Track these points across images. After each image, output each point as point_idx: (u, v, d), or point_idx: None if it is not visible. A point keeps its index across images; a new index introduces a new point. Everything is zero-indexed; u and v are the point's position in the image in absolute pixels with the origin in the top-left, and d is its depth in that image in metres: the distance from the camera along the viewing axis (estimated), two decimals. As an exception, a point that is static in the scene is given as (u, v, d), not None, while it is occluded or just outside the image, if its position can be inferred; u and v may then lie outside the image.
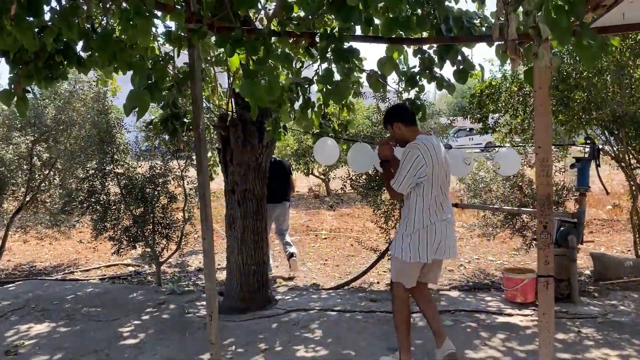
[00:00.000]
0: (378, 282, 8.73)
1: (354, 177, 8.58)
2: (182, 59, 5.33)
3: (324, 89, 4.87)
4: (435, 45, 5.11)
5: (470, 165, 6.57)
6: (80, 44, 4.37)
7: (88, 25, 4.31)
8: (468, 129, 32.17)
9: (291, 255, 9.23)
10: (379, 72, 4.97)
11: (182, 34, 4.67)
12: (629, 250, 10.47)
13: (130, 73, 4.30)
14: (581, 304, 7.00)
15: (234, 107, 6.98)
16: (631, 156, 8.67)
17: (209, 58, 6.87)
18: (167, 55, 5.13)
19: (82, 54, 4.55)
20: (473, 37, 4.75)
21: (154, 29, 4.97)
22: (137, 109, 3.97)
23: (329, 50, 4.38)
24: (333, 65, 4.65)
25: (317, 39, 4.49)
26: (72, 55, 4.53)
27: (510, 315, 6.66)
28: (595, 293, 7.49)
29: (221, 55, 6.75)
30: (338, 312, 6.86)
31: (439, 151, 5.02)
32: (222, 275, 8.12)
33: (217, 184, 11.06)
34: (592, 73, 7.89)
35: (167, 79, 5.23)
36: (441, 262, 5.42)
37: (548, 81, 3.75)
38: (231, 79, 7.04)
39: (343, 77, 4.63)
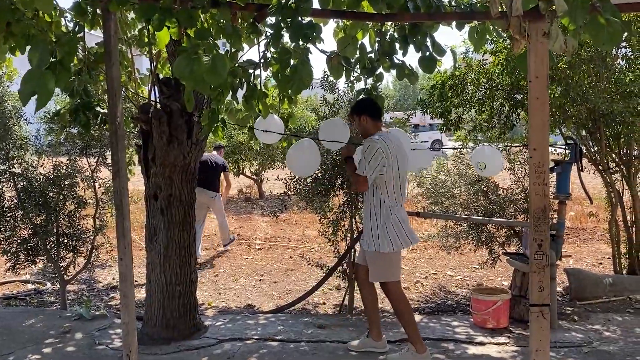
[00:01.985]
0: (324, 303, 8.43)
1: (297, 179, 8.19)
2: (93, 39, 4.88)
3: (280, 75, 4.37)
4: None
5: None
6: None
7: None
8: (413, 125, 32.66)
9: None
10: (341, 55, 4.55)
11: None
12: (600, 264, 10.51)
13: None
14: (561, 329, 6.77)
15: (157, 96, 6.49)
16: (610, 159, 8.49)
17: (125, 38, 6.50)
18: (76, 26, 4.56)
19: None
20: (462, 14, 4.37)
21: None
22: (36, 95, 3.41)
23: (283, 25, 3.91)
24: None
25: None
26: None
27: (482, 344, 6.37)
28: (575, 316, 7.27)
29: (142, 34, 6.31)
30: (280, 341, 6.50)
31: (398, 146, 5.72)
32: (140, 294, 7.64)
33: (134, 184, 10.64)
34: (571, 63, 7.68)
35: (76, 59, 4.75)
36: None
37: (547, 68, 3.55)
38: (154, 62, 6.57)
39: (302, 59, 4.16)
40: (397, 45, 5.09)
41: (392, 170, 5.58)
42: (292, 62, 4.28)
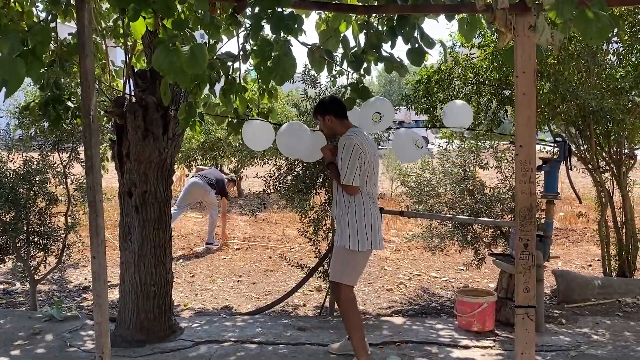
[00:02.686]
0: (305, 305, 8.44)
1: (277, 176, 8.18)
2: (66, 30, 4.86)
3: (262, 67, 4.37)
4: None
5: (423, 149, 6.40)
6: None
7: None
8: (398, 122, 32.60)
9: None
10: (323, 48, 4.56)
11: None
12: (590, 265, 10.57)
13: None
14: (548, 332, 6.81)
15: (132, 89, 6.47)
16: (600, 157, 8.53)
17: (100, 29, 6.44)
18: (48, 15, 4.56)
19: None
20: (447, 6, 4.38)
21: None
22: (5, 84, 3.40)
23: (263, 16, 3.92)
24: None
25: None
26: None
27: (467, 347, 6.39)
28: (562, 319, 7.32)
29: (117, 25, 6.30)
30: (258, 344, 6.49)
31: (371, 142, 5.80)
32: (113, 294, 7.61)
33: (107, 181, 10.61)
34: (561, 59, 7.71)
35: (49, 50, 4.74)
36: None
37: (534, 63, 3.57)
38: (130, 54, 6.56)
39: (284, 51, 4.17)
40: (385, 37, 5.09)
41: (368, 165, 5.62)
42: (273, 53, 4.29)
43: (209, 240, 12.24)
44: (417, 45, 4.90)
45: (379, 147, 7.77)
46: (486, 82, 8.43)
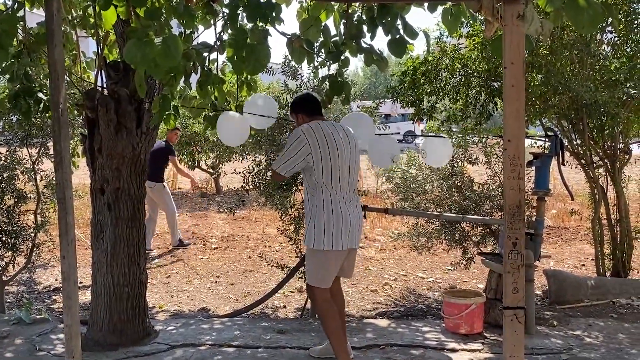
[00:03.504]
0: (285, 307, 8.46)
1: (257, 172, 8.19)
2: (34, 19, 4.85)
3: (235, 56, 4.38)
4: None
5: (396, 163, 6.69)
6: None
7: None
8: (384, 115, 32.90)
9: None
10: (303, 38, 4.57)
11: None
12: (583, 265, 10.64)
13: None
14: (539, 334, 6.83)
15: (104, 81, 6.45)
16: (593, 152, 8.56)
17: (70, 19, 6.43)
18: (15, 3, 4.54)
19: None
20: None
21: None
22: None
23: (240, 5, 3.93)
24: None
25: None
26: None
27: (454, 350, 6.41)
28: (554, 320, 7.35)
29: (88, 14, 6.28)
30: (237, 347, 6.50)
31: (342, 137, 5.60)
32: (85, 296, 7.60)
33: (79, 177, 10.57)
34: (553, 49, 7.73)
35: (16, 41, 4.72)
36: (356, 252, 5.98)
37: (523, 54, 3.56)
38: (101, 44, 6.55)
39: (259, 39, 4.18)
40: (365, 28, 5.11)
41: (325, 158, 5.46)
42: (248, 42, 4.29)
43: (174, 242, 12.14)
44: (398, 36, 4.91)
45: None
46: (475, 73, 8.44)
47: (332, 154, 5.48)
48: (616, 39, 8.15)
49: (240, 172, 8.11)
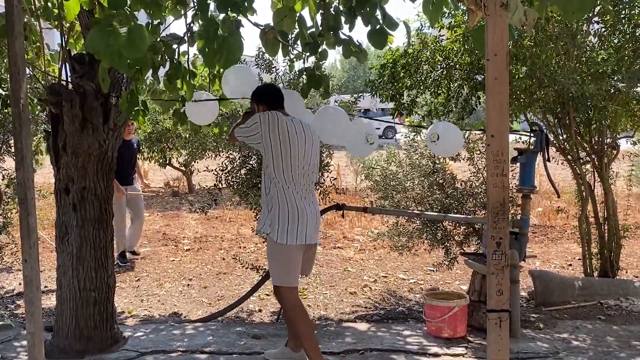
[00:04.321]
0: (261, 310, 8.43)
1: (230, 170, 8.17)
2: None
3: (207, 48, 4.35)
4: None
5: (375, 145, 6.56)
6: None
7: None
8: (363, 110, 33.10)
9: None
10: (277, 29, 4.56)
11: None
12: (570, 265, 10.68)
13: None
14: (524, 338, 6.88)
15: (69, 75, 6.40)
16: (580, 148, 8.58)
17: (33, 9, 6.34)
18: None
19: None
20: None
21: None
22: None
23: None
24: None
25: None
26: None
27: (437, 355, 6.45)
28: (540, 323, 7.39)
29: (51, 3, 6.21)
30: (210, 354, 6.50)
31: (289, 128, 5.57)
32: (51, 301, 7.56)
33: (43, 176, 10.52)
34: (538, 40, 7.74)
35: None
36: (315, 248, 6.14)
37: (507, 45, 3.56)
38: (65, 36, 6.50)
39: (230, 30, 4.16)
40: (343, 19, 5.10)
41: (275, 149, 5.52)
42: (220, 33, 4.27)
43: (130, 247, 11.49)
44: (378, 27, 4.91)
45: None
46: (457, 66, 8.44)
47: (283, 147, 5.54)
48: (603, 29, 8.16)
49: (212, 170, 8.08)
